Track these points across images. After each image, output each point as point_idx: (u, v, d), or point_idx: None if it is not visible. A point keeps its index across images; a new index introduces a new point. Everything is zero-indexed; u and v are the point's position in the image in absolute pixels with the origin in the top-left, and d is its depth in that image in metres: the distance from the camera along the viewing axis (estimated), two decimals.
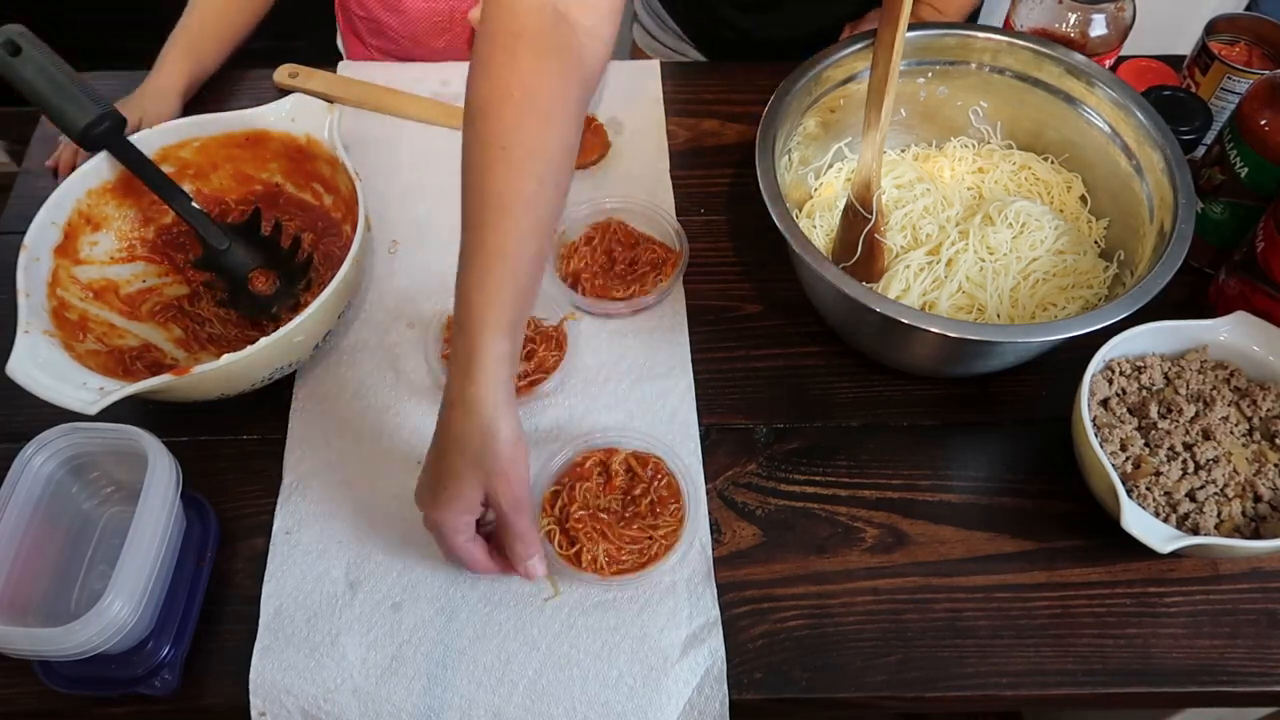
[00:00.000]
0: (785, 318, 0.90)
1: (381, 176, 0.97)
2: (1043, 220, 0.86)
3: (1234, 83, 0.93)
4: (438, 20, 1.15)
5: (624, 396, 0.84)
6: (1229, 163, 0.84)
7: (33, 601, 0.68)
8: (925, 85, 0.94)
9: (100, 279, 0.84)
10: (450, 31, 1.16)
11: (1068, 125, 0.91)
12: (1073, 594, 0.75)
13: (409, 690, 0.70)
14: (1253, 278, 0.81)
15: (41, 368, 0.72)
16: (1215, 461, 0.73)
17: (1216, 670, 0.72)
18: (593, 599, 0.74)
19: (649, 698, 0.70)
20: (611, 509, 0.75)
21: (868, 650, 0.72)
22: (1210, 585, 0.76)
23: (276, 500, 0.78)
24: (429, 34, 1.17)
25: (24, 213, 0.85)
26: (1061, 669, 0.72)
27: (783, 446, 0.82)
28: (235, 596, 0.74)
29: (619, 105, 1.04)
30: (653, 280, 0.88)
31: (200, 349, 0.85)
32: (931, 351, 0.80)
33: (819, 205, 0.92)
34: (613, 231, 0.91)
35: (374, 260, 0.92)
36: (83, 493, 0.74)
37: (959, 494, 0.80)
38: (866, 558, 0.77)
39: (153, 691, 0.68)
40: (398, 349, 0.86)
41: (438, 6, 1.14)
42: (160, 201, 0.85)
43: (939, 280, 0.84)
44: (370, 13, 1.17)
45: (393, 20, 1.16)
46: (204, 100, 1.04)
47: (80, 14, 1.83)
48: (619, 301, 0.87)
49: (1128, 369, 0.78)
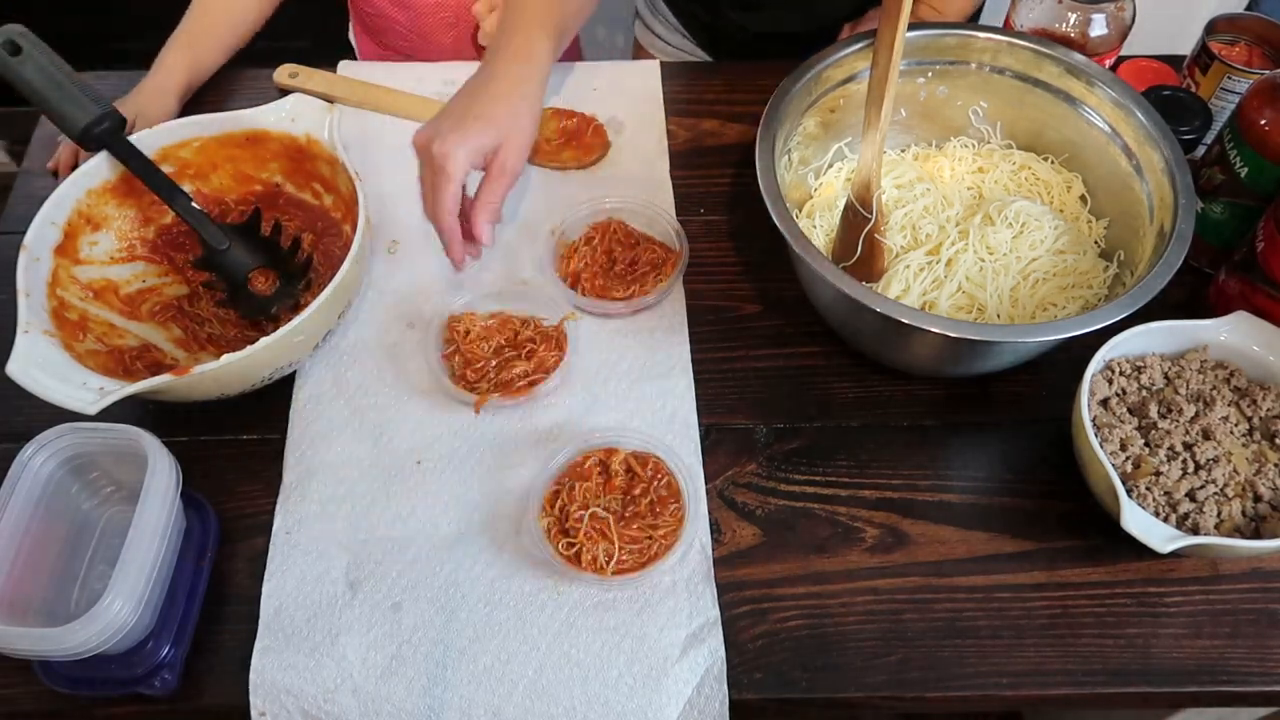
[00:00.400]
0: (785, 318, 0.90)
1: (381, 176, 0.97)
2: (1043, 220, 0.86)
3: (1234, 83, 0.93)
4: (445, 16, 1.16)
5: (624, 396, 0.84)
6: (1229, 163, 0.84)
7: (33, 601, 0.68)
8: (925, 85, 0.94)
9: (100, 279, 0.85)
10: (458, 28, 1.17)
11: (1068, 125, 0.91)
12: (1073, 594, 0.75)
13: (409, 690, 0.70)
14: (1253, 278, 0.81)
15: (41, 368, 0.72)
16: (1215, 461, 0.73)
17: (1216, 670, 0.72)
18: (593, 599, 0.74)
19: (649, 698, 0.70)
20: (611, 509, 0.75)
21: (868, 650, 0.72)
22: (1210, 585, 0.76)
23: (276, 500, 0.78)
24: (437, 30, 1.17)
25: (24, 213, 0.86)
26: (1061, 669, 0.72)
27: (783, 446, 0.82)
28: (235, 596, 0.74)
29: (619, 105, 1.04)
30: (653, 280, 0.88)
31: (200, 349, 0.85)
32: (931, 351, 0.80)
33: (819, 205, 0.92)
34: (613, 232, 0.91)
35: (374, 260, 0.92)
36: (83, 493, 0.74)
37: (959, 494, 0.80)
38: (866, 558, 0.77)
39: (153, 691, 0.68)
40: (398, 349, 0.86)
41: (446, 1, 1.14)
42: (160, 201, 0.85)
43: (939, 280, 0.84)
44: (378, 9, 1.17)
45: (401, 16, 1.16)
46: (204, 100, 1.04)
47: (80, 15, 1.83)
48: (619, 301, 0.87)
49: (1128, 369, 0.78)
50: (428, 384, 0.84)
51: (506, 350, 0.83)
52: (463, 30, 1.17)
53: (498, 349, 0.83)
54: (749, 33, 1.21)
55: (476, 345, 0.83)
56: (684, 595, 0.74)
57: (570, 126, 1.01)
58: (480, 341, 0.83)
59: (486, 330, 0.84)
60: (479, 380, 0.82)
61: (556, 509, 0.75)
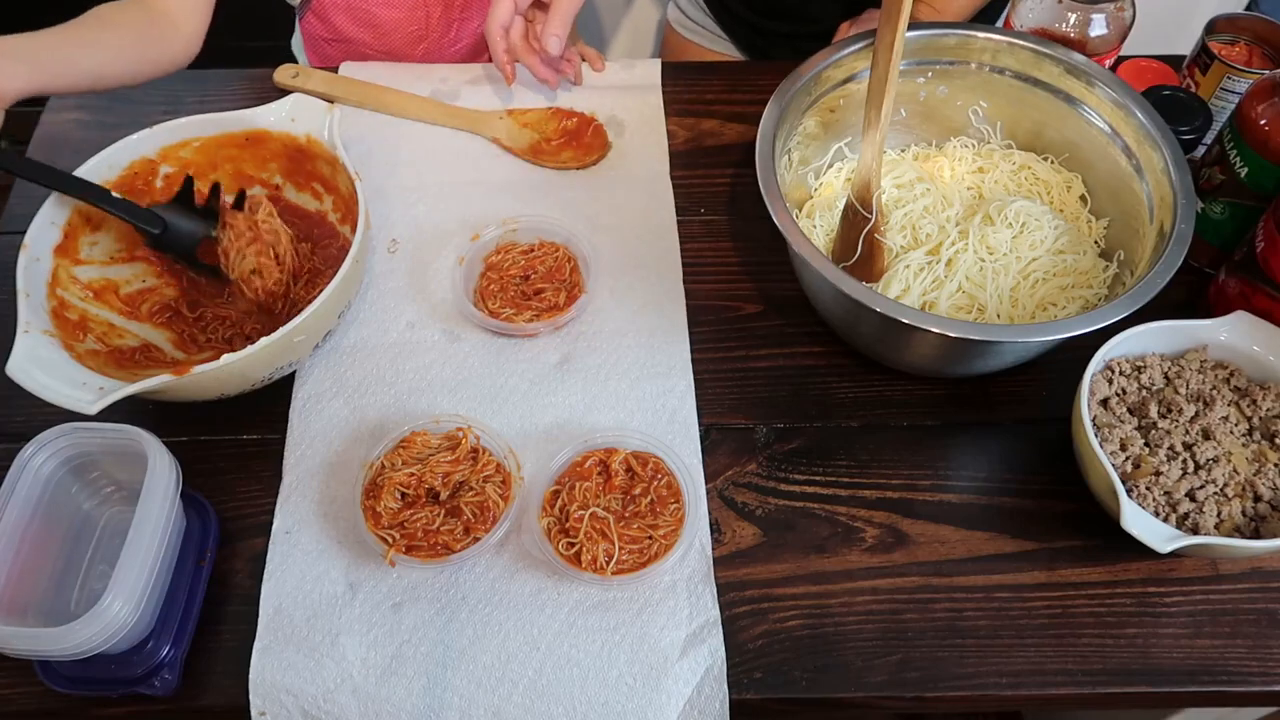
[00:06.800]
0: (785, 318, 0.90)
1: (381, 176, 0.97)
2: (1043, 220, 0.86)
3: (1234, 83, 0.93)
4: (414, 30, 1.14)
5: (624, 396, 0.84)
6: (1229, 163, 0.84)
7: (33, 601, 0.68)
8: (925, 85, 0.94)
9: (100, 279, 0.85)
10: (427, 39, 1.15)
11: (1068, 125, 0.91)
12: (1073, 594, 0.75)
13: (409, 690, 0.70)
14: (1253, 278, 0.81)
15: (41, 367, 0.72)
16: (1215, 461, 0.73)
17: (1216, 670, 0.72)
18: (593, 599, 0.74)
19: (649, 698, 0.70)
20: (611, 509, 0.75)
21: (868, 650, 0.72)
22: (1210, 585, 0.76)
23: (276, 500, 0.78)
24: (406, 45, 1.15)
25: (24, 213, 0.85)
26: (1061, 669, 0.72)
27: (783, 446, 0.82)
28: (235, 596, 0.74)
29: (619, 105, 1.04)
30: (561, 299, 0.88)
31: (200, 349, 0.85)
32: (931, 351, 0.80)
33: (819, 205, 0.92)
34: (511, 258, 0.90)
35: (374, 260, 0.92)
36: (83, 493, 0.74)
37: (959, 494, 0.80)
38: (866, 557, 0.77)
39: (152, 691, 0.68)
40: (398, 349, 0.86)
41: (413, 15, 1.13)
42: (160, 202, 0.85)
43: (939, 280, 0.84)
44: (339, 33, 1.14)
45: (366, 35, 1.14)
46: (204, 100, 1.04)
47: None
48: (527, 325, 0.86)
49: (1128, 369, 0.78)
50: (428, 383, 0.84)
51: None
52: (432, 42, 1.16)
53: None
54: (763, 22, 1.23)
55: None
56: (684, 595, 0.74)
57: (570, 126, 1.01)
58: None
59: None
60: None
61: (556, 509, 0.75)
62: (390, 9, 1.12)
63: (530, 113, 1.03)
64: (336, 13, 1.12)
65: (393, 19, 1.12)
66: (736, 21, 1.30)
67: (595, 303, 0.89)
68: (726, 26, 1.32)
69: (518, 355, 0.86)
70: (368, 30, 1.13)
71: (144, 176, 0.87)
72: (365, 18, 1.12)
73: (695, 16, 1.36)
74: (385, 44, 1.15)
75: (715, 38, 1.35)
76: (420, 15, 1.13)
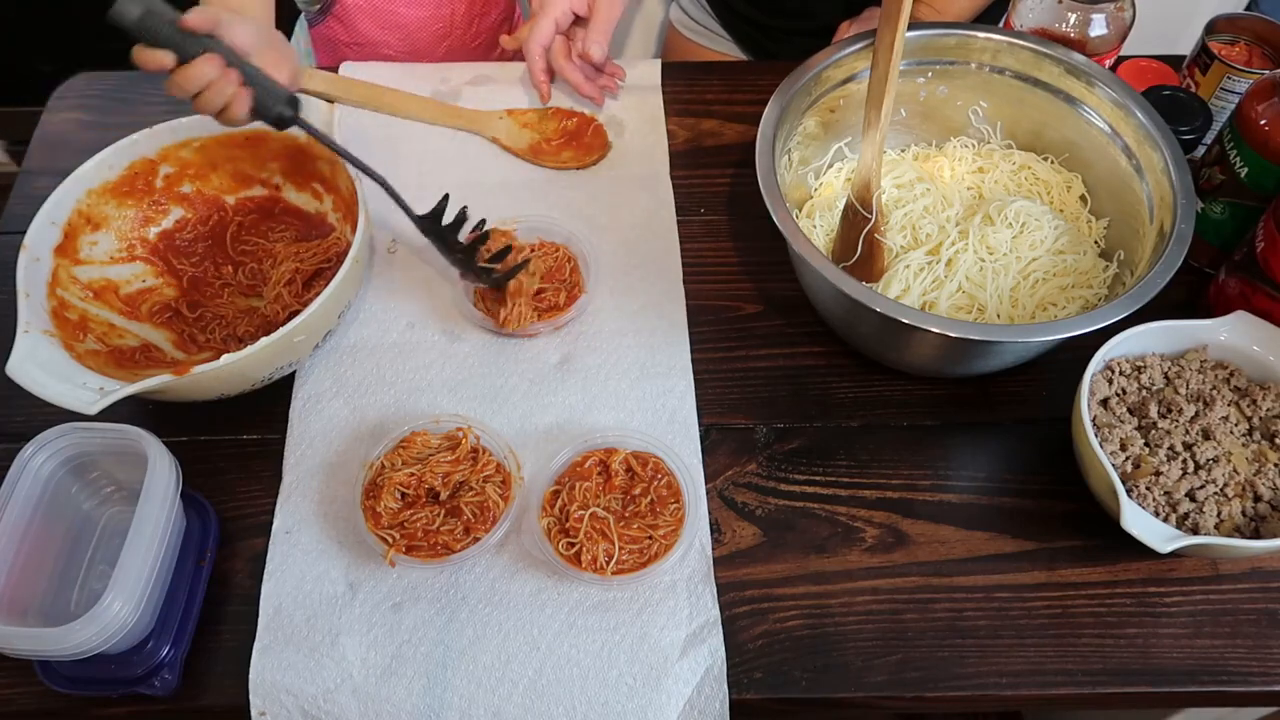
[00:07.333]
0: (785, 318, 0.90)
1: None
2: (1043, 220, 0.86)
3: (1234, 83, 0.93)
4: (438, 29, 1.14)
5: (624, 396, 0.84)
6: (1229, 163, 0.84)
7: (33, 601, 0.68)
8: (925, 85, 0.94)
9: (100, 279, 0.85)
10: (450, 37, 1.16)
11: (1068, 125, 0.91)
12: (1073, 594, 0.75)
13: (409, 690, 0.70)
14: (1253, 278, 0.81)
15: (41, 367, 0.72)
16: (1215, 461, 0.73)
17: (1216, 670, 0.72)
18: (593, 599, 0.74)
19: (649, 698, 0.70)
20: (611, 509, 0.75)
21: (868, 650, 0.72)
22: (1210, 585, 0.76)
23: (276, 500, 0.78)
24: (430, 44, 1.15)
25: (24, 213, 0.85)
26: (1061, 669, 0.72)
27: (783, 446, 0.82)
28: (235, 596, 0.74)
29: (619, 105, 1.04)
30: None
31: (200, 349, 0.85)
32: (931, 351, 0.80)
33: (819, 205, 0.92)
34: None
35: (374, 260, 0.92)
36: (83, 493, 0.74)
37: (959, 494, 0.80)
38: (866, 558, 0.77)
39: (152, 691, 0.68)
40: (398, 349, 0.86)
41: (438, 14, 1.13)
42: (160, 202, 0.85)
43: (939, 280, 0.84)
44: (362, 37, 1.14)
45: (391, 38, 1.14)
46: None
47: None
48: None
49: (1128, 369, 0.78)
50: (428, 383, 0.84)
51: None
52: (455, 40, 1.16)
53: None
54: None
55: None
56: (684, 595, 0.74)
57: (570, 127, 1.01)
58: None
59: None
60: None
61: (556, 509, 0.75)
62: (415, 8, 1.12)
63: (530, 113, 1.03)
64: (361, 16, 1.12)
65: (418, 18, 1.13)
66: (739, 19, 1.30)
67: (595, 303, 0.89)
68: (729, 25, 1.32)
69: (518, 355, 0.86)
70: (392, 32, 1.14)
71: (144, 176, 0.87)
72: (390, 19, 1.13)
73: (698, 16, 1.36)
74: (409, 44, 1.15)
75: (717, 38, 1.35)
76: (445, 13, 1.14)
